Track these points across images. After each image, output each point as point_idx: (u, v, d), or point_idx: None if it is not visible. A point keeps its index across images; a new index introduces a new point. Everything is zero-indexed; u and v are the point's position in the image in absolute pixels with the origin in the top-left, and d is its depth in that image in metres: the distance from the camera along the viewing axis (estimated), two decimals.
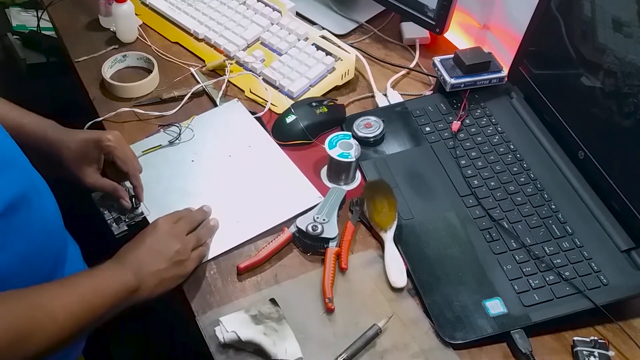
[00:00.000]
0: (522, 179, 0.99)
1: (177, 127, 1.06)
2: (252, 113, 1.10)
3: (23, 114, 0.92)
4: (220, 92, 1.13)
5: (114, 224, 0.94)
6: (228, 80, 1.15)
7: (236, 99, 1.13)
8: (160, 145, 1.04)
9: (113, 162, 0.94)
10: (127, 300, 0.78)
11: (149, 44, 1.23)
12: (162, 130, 1.06)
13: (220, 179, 1.00)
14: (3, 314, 0.67)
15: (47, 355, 0.71)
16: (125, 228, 0.93)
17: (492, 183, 0.99)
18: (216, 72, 1.18)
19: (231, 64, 1.18)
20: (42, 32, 1.59)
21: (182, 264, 0.85)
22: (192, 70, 1.17)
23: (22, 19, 1.83)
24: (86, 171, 0.92)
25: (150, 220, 0.94)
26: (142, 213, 0.95)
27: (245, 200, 0.97)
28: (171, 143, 1.05)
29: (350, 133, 1.01)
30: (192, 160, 1.02)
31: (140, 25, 1.26)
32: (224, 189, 0.99)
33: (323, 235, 0.90)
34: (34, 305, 0.70)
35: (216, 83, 1.15)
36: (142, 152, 1.02)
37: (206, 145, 1.05)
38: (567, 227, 0.93)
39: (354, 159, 0.98)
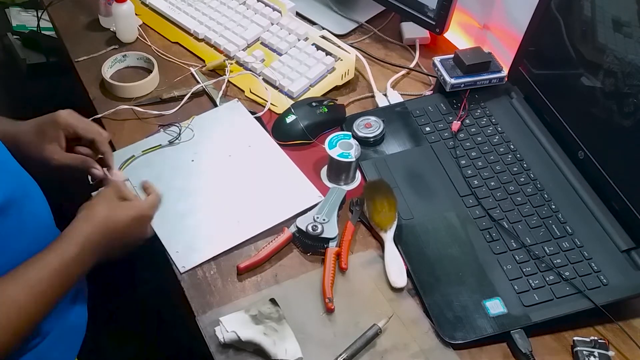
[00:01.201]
0: (522, 179, 0.99)
1: (177, 127, 1.06)
2: (252, 113, 1.10)
3: None
4: (220, 92, 1.13)
5: None
6: (228, 80, 1.16)
7: (236, 99, 1.13)
8: (160, 145, 1.04)
9: (76, 142, 0.91)
10: (92, 254, 0.80)
11: (149, 44, 1.23)
12: (162, 130, 1.06)
13: (220, 179, 1.00)
14: None
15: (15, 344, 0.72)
16: None
17: (492, 183, 0.99)
18: (216, 72, 1.18)
19: (231, 64, 1.18)
20: (42, 32, 1.59)
21: (143, 224, 0.86)
22: (192, 70, 1.17)
23: (22, 19, 1.83)
24: (49, 150, 0.89)
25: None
26: None
27: (245, 200, 0.97)
28: (171, 143, 1.04)
29: (350, 133, 1.01)
30: (192, 160, 1.02)
31: (140, 25, 1.26)
32: (224, 188, 0.99)
33: (323, 235, 0.90)
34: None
35: (216, 83, 1.15)
36: (142, 151, 1.02)
37: (206, 145, 1.05)
38: (567, 227, 0.93)
39: (354, 159, 0.98)
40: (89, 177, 0.96)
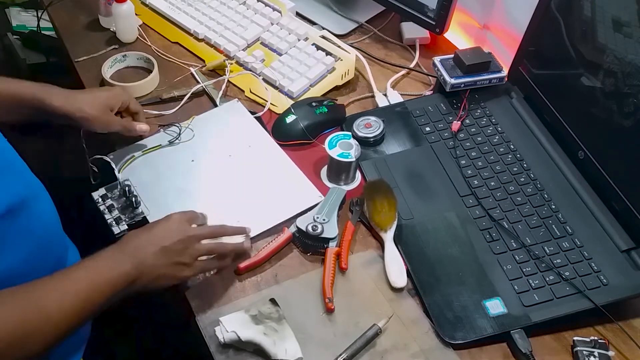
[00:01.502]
0: (522, 179, 0.99)
1: (177, 127, 1.06)
2: (252, 113, 1.10)
3: (19, 82, 0.94)
4: (220, 92, 1.13)
5: (114, 224, 0.94)
6: (228, 80, 1.15)
7: (236, 99, 1.13)
8: (160, 145, 1.04)
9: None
10: (124, 292, 0.77)
11: (149, 44, 1.23)
12: (162, 130, 1.06)
13: (220, 179, 1.00)
14: None
15: (43, 354, 0.71)
16: (126, 227, 0.93)
17: (492, 183, 0.99)
18: (216, 72, 1.18)
19: (231, 63, 1.18)
20: (42, 32, 1.59)
21: (181, 267, 0.82)
22: (192, 70, 1.17)
23: (22, 19, 1.83)
24: (113, 121, 0.98)
25: (150, 220, 0.94)
26: (142, 212, 0.95)
27: (245, 200, 0.97)
28: (171, 143, 1.04)
29: (350, 133, 1.01)
30: (192, 160, 1.02)
31: (140, 25, 1.26)
32: (224, 188, 0.99)
33: (323, 235, 0.90)
34: (28, 308, 0.69)
35: (216, 83, 1.15)
36: (142, 152, 1.02)
37: (206, 145, 1.05)
38: (567, 227, 0.93)
39: (354, 159, 0.98)
40: (91, 177, 0.97)
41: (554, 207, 0.95)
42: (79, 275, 0.76)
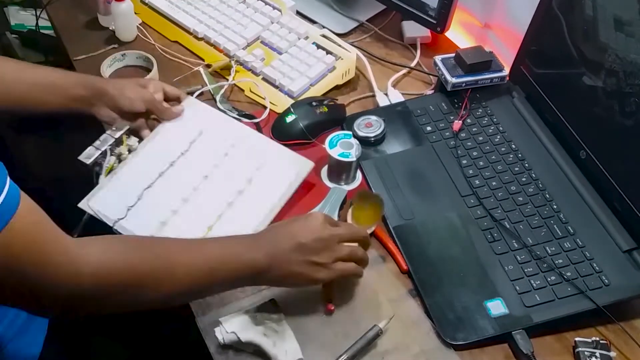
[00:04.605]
0: (524, 179, 0.99)
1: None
2: (250, 117, 1.09)
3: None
4: (222, 91, 1.13)
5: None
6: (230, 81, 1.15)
7: (189, 96, 1.07)
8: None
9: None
10: (251, 280, 0.79)
11: (150, 42, 1.23)
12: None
13: (203, 181, 0.96)
14: (129, 257, 0.69)
15: (154, 306, 0.74)
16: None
17: (494, 183, 0.99)
18: (218, 72, 1.17)
19: (237, 64, 1.17)
20: (41, 31, 1.59)
21: (317, 268, 0.78)
22: (200, 69, 1.16)
23: (21, 17, 1.83)
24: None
25: None
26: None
27: (242, 193, 0.94)
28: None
29: (350, 132, 1.01)
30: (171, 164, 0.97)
31: (139, 24, 1.25)
32: (211, 188, 0.95)
33: None
34: (159, 258, 0.71)
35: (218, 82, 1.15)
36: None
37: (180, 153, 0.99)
38: (569, 228, 0.92)
39: (354, 159, 0.97)
40: (94, 176, 0.96)
41: (555, 207, 0.95)
42: (212, 247, 0.77)
